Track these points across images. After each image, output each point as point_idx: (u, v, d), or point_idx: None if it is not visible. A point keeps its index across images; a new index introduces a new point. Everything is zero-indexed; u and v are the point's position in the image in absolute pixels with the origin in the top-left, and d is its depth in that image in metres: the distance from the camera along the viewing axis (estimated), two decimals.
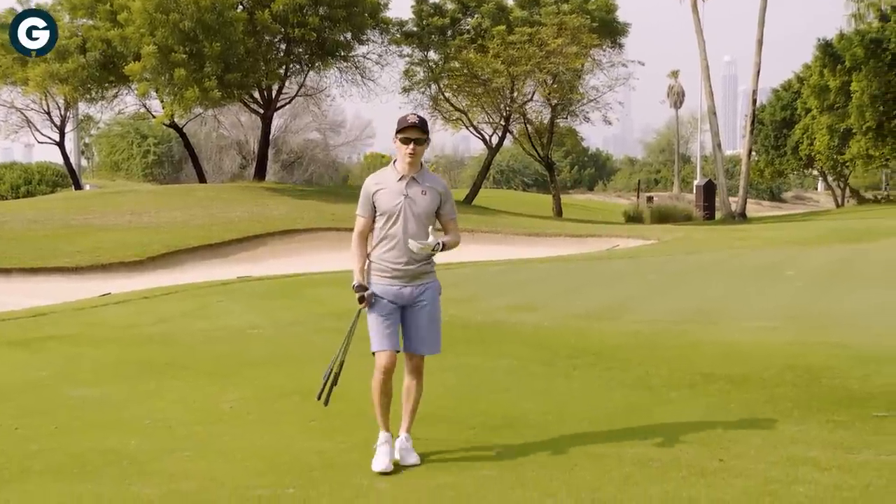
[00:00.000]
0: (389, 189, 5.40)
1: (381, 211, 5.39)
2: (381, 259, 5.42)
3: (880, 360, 8.17)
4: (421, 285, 5.49)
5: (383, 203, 5.39)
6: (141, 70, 35.35)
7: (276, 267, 22.26)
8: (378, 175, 5.56)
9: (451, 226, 5.63)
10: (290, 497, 4.91)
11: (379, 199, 5.41)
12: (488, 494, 4.90)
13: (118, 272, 22.29)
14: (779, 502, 4.62)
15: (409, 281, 5.45)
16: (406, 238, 5.33)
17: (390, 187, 5.40)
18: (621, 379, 7.84)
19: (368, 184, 5.50)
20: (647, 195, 57.93)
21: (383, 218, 5.40)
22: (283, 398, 7.43)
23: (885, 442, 5.69)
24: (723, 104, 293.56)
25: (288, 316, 12.63)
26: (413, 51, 46.50)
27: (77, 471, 5.62)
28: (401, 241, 5.35)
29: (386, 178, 5.46)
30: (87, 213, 31.04)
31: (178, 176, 72.93)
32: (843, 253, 20.54)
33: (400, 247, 5.36)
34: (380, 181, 5.47)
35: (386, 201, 5.38)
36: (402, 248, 5.35)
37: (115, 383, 8.33)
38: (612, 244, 29.36)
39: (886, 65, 46.23)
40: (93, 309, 13.95)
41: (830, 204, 70.75)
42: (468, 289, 14.92)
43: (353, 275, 5.47)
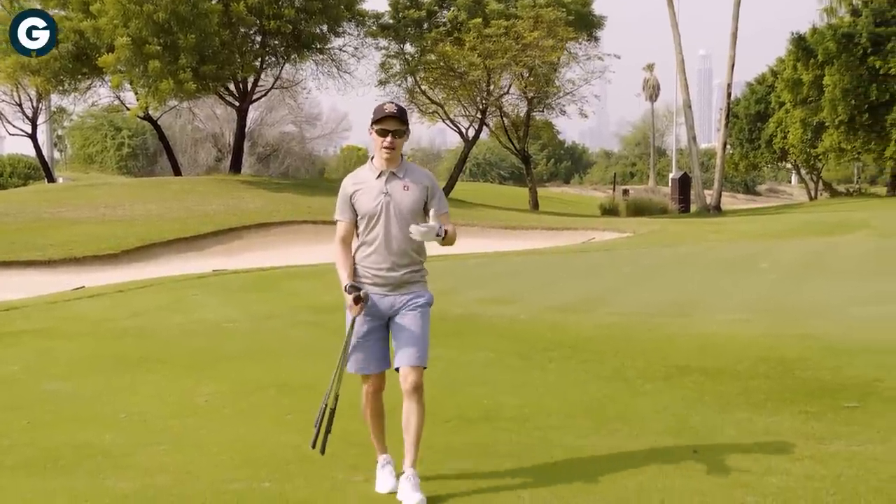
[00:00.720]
0: (368, 188, 4.88)
1: (362, 213, 4.87)
2: (362, 265, 4.90)
3: (851, 351, 8.25)
4: (406, 294, 4.91)
5: (363, 204, 4.86)
6: (115, 62, 34.99)
7: (252, 260, 22.20)
8: (356, 174, 5.02)
9: (444, 221, 4.96)
10: (265, 491, 4.90)
11: (358, 200, 4.89)
12: (465, 487, 4.91)
13: (92, 266, 22.13)
14: (752, 493, 4.66)
15: (392, 290, 4.89)
16: (388, 241, 4.83)
17: (369, 186, 4.89)
18: (597, 371, 7.88)
19: (346, 184, 4.97)
20: (622, 188, 58.20)
21: (364, 220, 4.88)
22: (258, 392, 7.41)
23: (856, 432, 5.75)
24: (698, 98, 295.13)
25: (264, 309, 12.60)
26: (389, 43, 46.42)
27: (50, 466, 5.58)
28: (382, 245, 4.84)
29: (364, 177, 4.94)
30: (60, 206, 30.77)
31: (152, 169, 72.41)
32: (816, 246, 20.71)
33: (381, 251, 4.85)
34: (358, 181, 4.94)
35: (365, 202, 4.86)
36: (383, 252, 4.85)
37: (90, 377, 8.27)
38: (588, 237, 29.46)
39: (858, 59, 46.61)
40: (66, 303, 13.85)
41: (804, 197, 71.27)
42: (445, 282, 14.92)
43: (341, 280, 4.87)
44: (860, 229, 25.22)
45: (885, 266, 15.83)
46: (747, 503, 4.53)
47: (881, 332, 9.11)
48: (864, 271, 15.07)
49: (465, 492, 4.84)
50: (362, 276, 4.89)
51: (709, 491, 4.71)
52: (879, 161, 53.61)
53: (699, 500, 4.59)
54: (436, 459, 5.42)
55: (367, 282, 4.87)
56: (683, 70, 46.00)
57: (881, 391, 6.76)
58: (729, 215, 42.07)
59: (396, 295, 4.89)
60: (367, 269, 4.88)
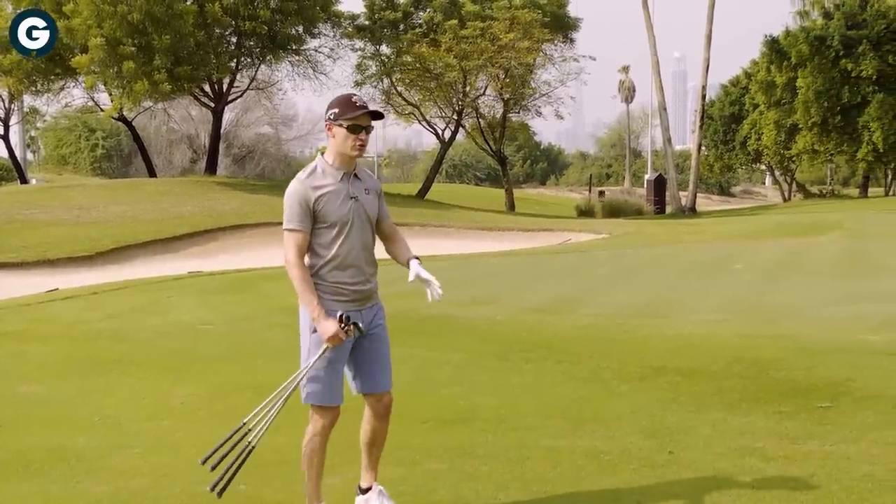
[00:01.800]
0: (334, 192, 4.26)
1: (329, 222, 4.24)
2: (336, 281, 4.28)
3: (824, 352, 8.31)
4: (372, 308, 4.46)
5: (333, 211, 4.24)
6: (88, 62, 34.73)
7: (228, 262, 22.11)
8: (312, 177, 4.29)
9: (394, 229, 4.62)
10: (242, 493, 4.88)
11: (326, 206, 4.23)
12: (440, 488, 4.91)
13: (66, 268, 21.96)
14: (727, 493, 4.69)
15: (363, 304, 4.39)
16: (363, 251, 4.36)
17: (335, 191, 4.27)
18: (573, 372, 7.90)
19: (303, 189, 4.23)
20: (598, 189, 58.40)
21: (332, 231, 4.25)
22: (234, 394, 7.38)
23: (829, 432, 5.80)
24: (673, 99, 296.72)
25: (240, 311, 12.55)
26: (365, 45, 46.39)
27: (23, 469, 5.53)
28: (358, 256, 4.32)
29: (325, 180, 4.28)
30: (33, 207, 30.49)
31: (127, 170, 71.96)
32: (790, 247, 20.87)
33: (358, 263, 4.33)
34: (319, 184, 4.26)
35: (334, 209, 4.25)
36: (360, 263, 4.34)
37: (63, 380, 8.21)
38: (564, 238, 29.54)
39: (830, 61, 47.06)
40: (39, 305, 13.74)
41: (778, 198, 71.84)
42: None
43: (310, 308, 4.24)
44: (833, 230, 25.44)
45: (857, 267, 15.97)
46: (722, 503, 4.56)
47: (854, 333, 9.19)
48: (837, 272, 15.20)
49: (441, 493, 4.84)
50: (336, 294, 4.29)
51: (684, 491, 4.74)
52: (852, 163, 54.19)
53: (674, 500, 4.61)
54: (412, 460, 5.42)
55: (344, 300, 4.30)
56: (658, 72, 46.23)
57: (853, 391, 6.81)
58: (704, 216, 42.32)
59: (366, 310, 4.40)
60: (343, 285, 4.29)
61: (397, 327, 5.64)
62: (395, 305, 11.55)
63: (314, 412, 4.34)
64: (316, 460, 4.35)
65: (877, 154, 48.56)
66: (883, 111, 46.17)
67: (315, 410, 4.34)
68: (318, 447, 4.34)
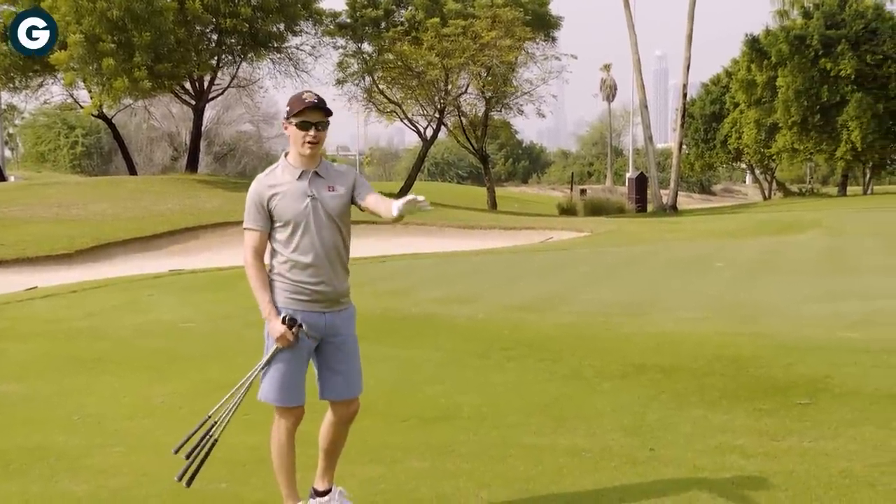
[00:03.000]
0: (290, 191, 4.23)
1: (284, 220, 4.21)
2: (295, 280, 4.24)
3: (803, 349, 8.37)
4: (341, 311, 4.35)
5: (285, 210, 4.21)
6: (67, 59, 34.48)
7: (209, 260, 22.03)
8: (269, 176, 4.31)
9: (380, 198, 4.33)
10: (222, 491, 4.87)
11: (278, 205, 4.22)
12: (421, 486, 4.92)
13: (45, 266, 21.82)
14: (707, 489, 4.72)
15: (329, 306, 4.29)
16: (325, 250, 4.24)
17: (290, 189, 4.23)
18: (554, 370, 7.92)
19: (259, 188, 4.26)
20: (580, 188, 58.46)
21: (287, 229, 4.22)
22: (215, 392, 7.32)
23: (808, 429, 5.84)
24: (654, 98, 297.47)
25: (221, 309, 12.51)
26: (347, 42, 46.28)
27: (1, 469, 5.50)
28: (319, 255, 4.22)
29: (281, 178, 4.27)
30: (11, 205, 30.28)
31: (107, 168, 71.57)
32: (770, 245, 21.00)
33: (319, 262, 4.23)
34: (274, 183, 4.25)
35: (288, 207, 4.21)
36: (321, 262, 4.23)
37: (42, 379, 8.17)
38: (546, 237, 29.59)
39: (810, 61, 47.38)
40: (18, 303, 13.65)
41: (758, 197, 72.21)
42: (402, 281, 14.92)
43: (261, 306, 4.27)
44: (812, 228, 25.60)
45: (836, 265, 16.09)
46: (702, 500, 4.59)
47: (832, 330, 9.26)
48: (817, 270, 15.30)
49: (422, 491, 4.84)
50: (295, 293, 4.24)
51: (665, 488, 4.76)
52: (831, 161, 54.60)
53: (655, 497, 4.64)
54: (393, 458, 5.43)
55: (304, 298, 4.23)
56: (640, 70, 46.37)
57: (832, 388, 6.87)
58: (685, 215, 42.49)
59: (333, 312, 4.30)
60: (302, 284, 4.23)
61: (378, 326, 5.65)
62: (375, 304, 11.57)
63: (276, 412, 4.33)
64: (285, 460, 4.33)
65: (855, 153, 48.95)
66: (861, 110, 46.53)
67: (276, 410, 4.32)
68: (283, 446, 4.31)
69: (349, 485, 4.74)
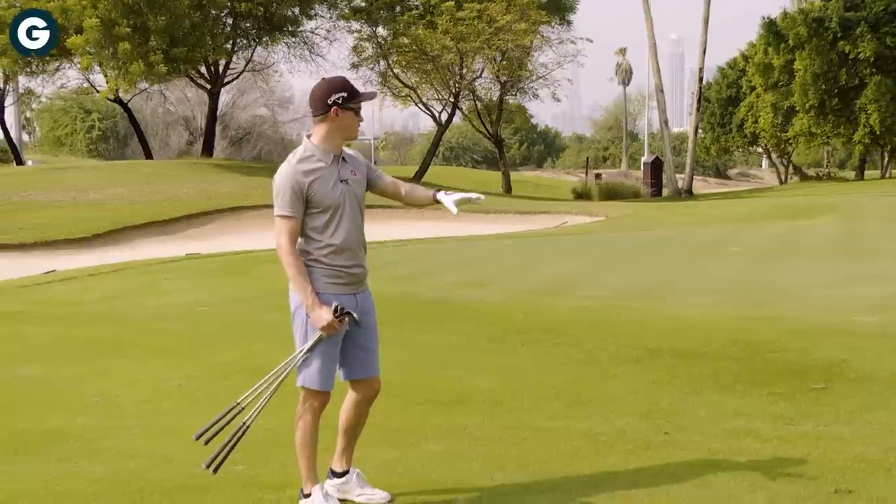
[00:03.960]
0: (325, 176, 4.22)
1: (324, 206, 4.20)
2: (332, 265, 4.25)
3: (819, 333, 8.33)
4: (364, 290, 4.44)
5: (324, 196, 4.20)
6: (83, 43, 34.57)
7: (225, 244, 22.09)
8: (303, 161, 4.24)
9: (397, 182, 4.59)
10: (239, 474, 4.90)
11: (317, 192, 4.19)
12: (437, 469, 4.93)
13: (63, 249, 21.94)
14: (722, 473, 4.71)
15: (357, 288, 4.36)
16: (358, 234, 4.33)
17: (326, 174, 4.23)
18: (569, 354, 7.92)
19: (297, 175, 4.20)
20: (595, 172, 58.19)
21: (325, 215, 4.22)
22: (231, 376, 7.40)
23: (823, 413, 5.83)
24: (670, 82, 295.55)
25: (236, 293, 12.56)
26: (362, 26, 46.12)
27: (22, 450, 5.56)
28: (353, 239, 4.29)
29: (315, 163, 4.24)
30: (30, 189, 30.44)
31: (123, 152, 71.71)
32: (785, 229, 20.89)
33: (352, 246, 4.30)
34: (311, 168, 4.21)
35: (327, 194, 4.21)
36: (354, 247, 4.31)
37: (61, 361, 8.23)
38: (561, 221, 29.53)
39: (828, 44, 46.87)
40: (37, 286, 13.75)
41: (774, 181, 71.73)
42: (417, 265, 14.94)
43: (304, 295, 4.21)
44: (829, 213, 25.44)
45: (852, 249, 16.00)
46: (717, 483, 4.59)
47: (848, 315, 9.21)
48: (832, 254, 15.22)
49: (437, 474, 4.86)
50: (334, 277, 4.27)
51: (679, 472, 4.76)
52: (848, 145, 54.06)
53: (670, 480, 4.64)
54: (408, 442, 5.45)
55: (340, 282, 4.28)
56: (655, 54, 46.06)
57: (847, 372, 6.84)
58: (700, 199, 42.29)
59: (359, 294, 4.37)
60: (339, 269, 4.27)
61: (393, 311, 5.67)
62: (392, 288, 11.58)
63: (307, 396, 4.33)
64: (308, 441, 4.34)
65: (873, 136, 48.49)
66: (880, 93, 46.06)
67: (308, 394, 4.33)
68: (309, 429, 4.33)
69: (365, 467, 4.76)
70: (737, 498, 4.37)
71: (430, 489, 4.62)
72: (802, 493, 4.41)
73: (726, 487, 4.53)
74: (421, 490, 4.62)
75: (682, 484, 4.59)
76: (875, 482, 4.55)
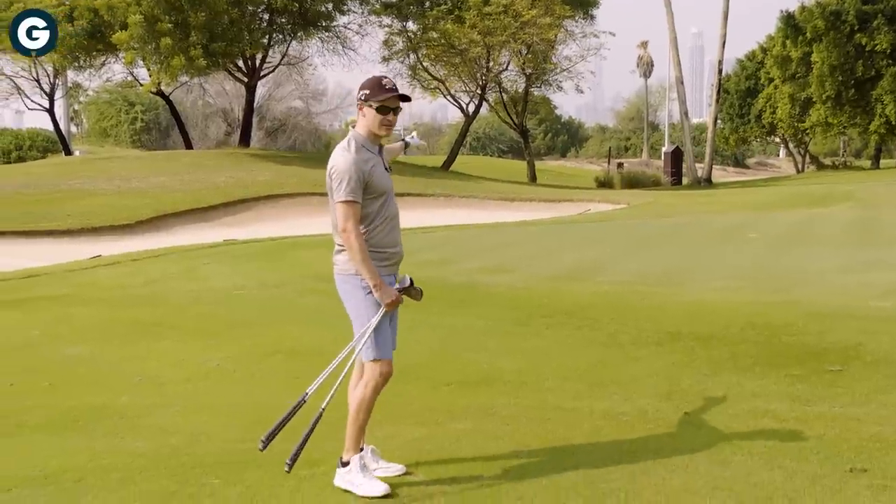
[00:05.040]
0: (378, 165, 4.39)
1: (379, 191, 4.35)
2: (381, 246, 4.37)
3: (834, 316, 8.26)
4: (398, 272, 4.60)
5: (379, 182, 4.36)
6: (128, 39, 34.79)
7: (261, 230, 22.17)
8: (359, 151, 4.35)
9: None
10: (274, 449, 4.91)
11: (374, 178, 4.33)
12: (464, 447, 4.93)
13: (108, 235, 22.11)
14: (739, 453, 4.68)
15: (397, 269, 4.54)
16: (397, 217, 4.51)
17: (378, 163, 4.40)
18: (592, 337, 7.89)
19: (359, 163, 4.29)
20: (617, 161, 57.91)
21: (379, 200, 4.36)
22: (268, 356, 7.43)
23: (839, 395, 5.77)
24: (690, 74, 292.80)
25: (273, 277, 12.60)
26: (392, 21, 46.09)
27: (70, 425, 5.61)
28: (397, 221, 4.48)
29: (368, 154, 4.37)
30: (77, 178, 30.70)
31: (165, 142, 72.11)
32: (802, 216, 20.68)
33: (397, 227, 4.47)
34: (365, 157, 4.34)
35: (381, 180, 4.37)
36: (398, 228, 4.48)
37: (106, 342, 8.30)
38: (584, 209, 29.40)
39: (845, 36, 46.29)
40: (83, 271, 13.86)
41: (791, 170, 71.04)
42: (445, 251, 14.93)
43: (371, 275, 4.26)
44: (845, 201, 25.17)
45: (868, 236, 15.81)
46: (735, 462, 4.56)
47: (863, 299, 9.11)
48: (848, 241, 15.05)
49: (465, 451, 4.86)
50: (383, 259, 4.39)
51: (698, 450, 4.74)
52: (864, 135, 53.50)
53: (689, 459, 4.61)
54: (437, 420, 5.45)
55: (388, 263, 4.42)
56: (676, 47, 45.68)
57: (863, 355, 6.77)
58: (719, 187, 41.97)
59: (397, 273, 4.52)
60: (387, 250, 4.41)
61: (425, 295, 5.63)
62: (420, 273, 11.54)
63: (373, 367, 4.36)
64: (366, 410, 4.38)
65: (889, 126, 47.87)
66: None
67: (377, 366, 4.36)
68: (371, 398, 4.37)
69: (395, 444, 4.78)
70: (754, 476, 4.33)
71: (458, 466, 4.62)
72: (818, 471, 4.38)
73: (744, 466, 4.50)
74: (448, 467, 4.62)
75: (700, 462, 4.56)
76: (890, 461, 4.50)
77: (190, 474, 4.56)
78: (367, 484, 4.25)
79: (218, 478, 4.48)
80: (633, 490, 4.17)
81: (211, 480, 4.44)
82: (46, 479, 4.54)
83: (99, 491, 4.32)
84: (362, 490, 4.23)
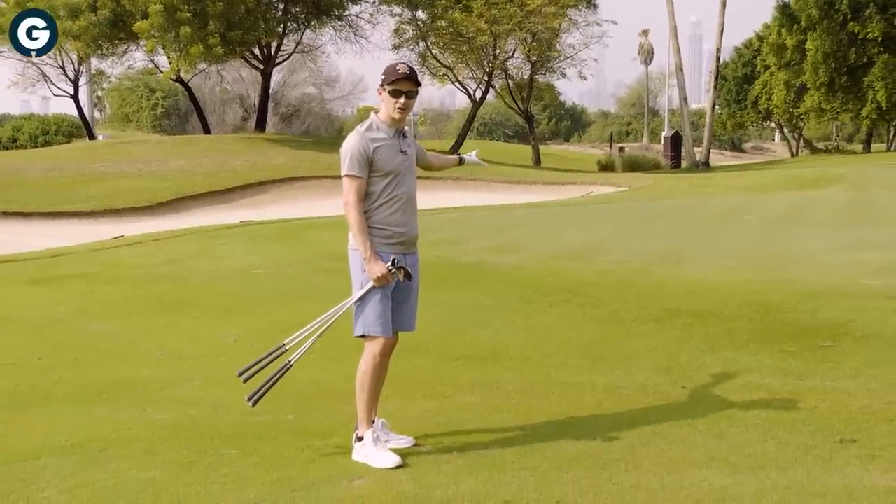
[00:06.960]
0: (388, 146, 4.37)
1: (385, 171, 4.34)
2: (385, 224, 4.36)
3: (827, 295, 8.23)
4: (413, 253, 4.53)
5: (387, 162, 4.34)
6: (149, 28, 34.76)
7: (277, 212, 22.19)
8: (369, 131, 4.39)
9: (434, 155, 4.96)
10: (289, 423, 4.94)
11: (380, 158, 4.33)
12: (471, 419, 4.93)
13: (130, 216, 22.18)
14: (735, 424, 4.68)
15: (408, 248, 4.46)
16: (411, 198, 4.45)
17: (388, 144, 4.38)
18: (594, 314, 7.88)
19: (363, 142, 4.34)
20: (618, 146, 57.69)
21: (385, 179, 4.35)
22: (282, 333, 7.36)
23: (830, 369, 5.76)
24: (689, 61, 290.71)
25: (287, 257, 12.62)
26: (402, 10, 45.80)
27: (95, 397, 5.64)
28: (408, 202, 4.43)
29: (379, 135, 4.39)
30: (100, 161, 30.72)
31: (184, 127, 71.99)
32: (797, 198, 20.60)
33: (407, 209, 4.42)
34: (375, 137, 4.37)
35: (389, 159, 4.35)
36: (409, 209, 4.43)
37: (129, 318, 8.33)
38: (587, 191, 29.33)
39: (839, 25, 45.97)
40: (107, 250, 13.89)
41: (786, 153, 70.62)
42: (453, 232, 14.91)
43: (363, 248, 4.27)
44: (837, 183, 25.04)
45: (859, 217, 15.74)
46: (730, 433, 4.55)
47: (854, 278, 9.09)
48: (841, 222, 14.99)
49: (471, 424, 4.87)
50: (387, 238, 4.36)
51: (695, 423, 4.73)
52: (856, 120, 53.18)
53: (686, 430, 4.61)
54: (445, 394, 5.46)
55: (393, 242, 4.37)
56: (676, 35, 45.40)
57: (853, 331, 6.76)
58: (717, 171, 41.78)
59: (409, 255, 4.45)
60: (392, 228, 4.37)
61: (432, 274, 5.65)
62: (430, 253, 11.57)
63: (371, 344, 4.37)
64: (373, 381, 4.36)
65: (880, 112, 47.58)
66: (887, 71, 45.16)
67: (372, 343, 4.36)
68: (376, 374, 4.36)
69: (406, 417, 4.78)
70: (749, 447, 4.33)
71: (465, 438, 4.62)
72: (810, 442, 4.37)
73: (739, 437, 4.49)
74: (456, 439, 4.62)
75: (698, 434, 4.56)
76: (878, 432, 4.49)
77: (209, 445, 4.57)
78: (380, 456, 4.25)
79: (235, 448, 4.49)
80: (633, 461, 4.17)
81: (229, 451, 4.45)
82: (73, 448, 4.56)
83: (122, 460, 4.34)
84: (375, 462, 4.23)
